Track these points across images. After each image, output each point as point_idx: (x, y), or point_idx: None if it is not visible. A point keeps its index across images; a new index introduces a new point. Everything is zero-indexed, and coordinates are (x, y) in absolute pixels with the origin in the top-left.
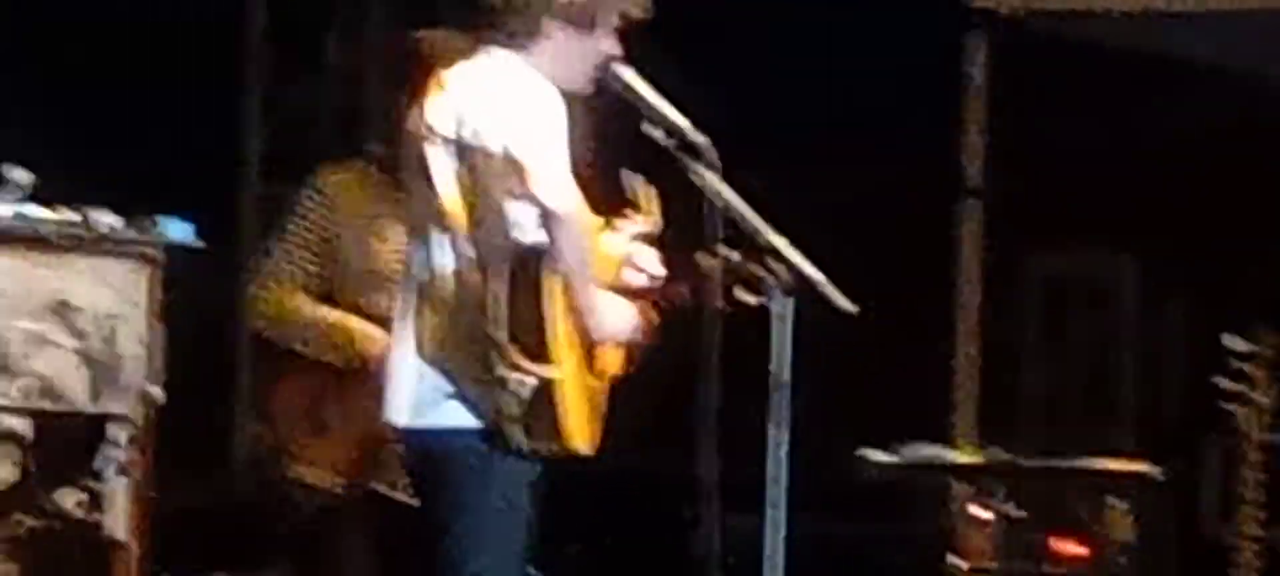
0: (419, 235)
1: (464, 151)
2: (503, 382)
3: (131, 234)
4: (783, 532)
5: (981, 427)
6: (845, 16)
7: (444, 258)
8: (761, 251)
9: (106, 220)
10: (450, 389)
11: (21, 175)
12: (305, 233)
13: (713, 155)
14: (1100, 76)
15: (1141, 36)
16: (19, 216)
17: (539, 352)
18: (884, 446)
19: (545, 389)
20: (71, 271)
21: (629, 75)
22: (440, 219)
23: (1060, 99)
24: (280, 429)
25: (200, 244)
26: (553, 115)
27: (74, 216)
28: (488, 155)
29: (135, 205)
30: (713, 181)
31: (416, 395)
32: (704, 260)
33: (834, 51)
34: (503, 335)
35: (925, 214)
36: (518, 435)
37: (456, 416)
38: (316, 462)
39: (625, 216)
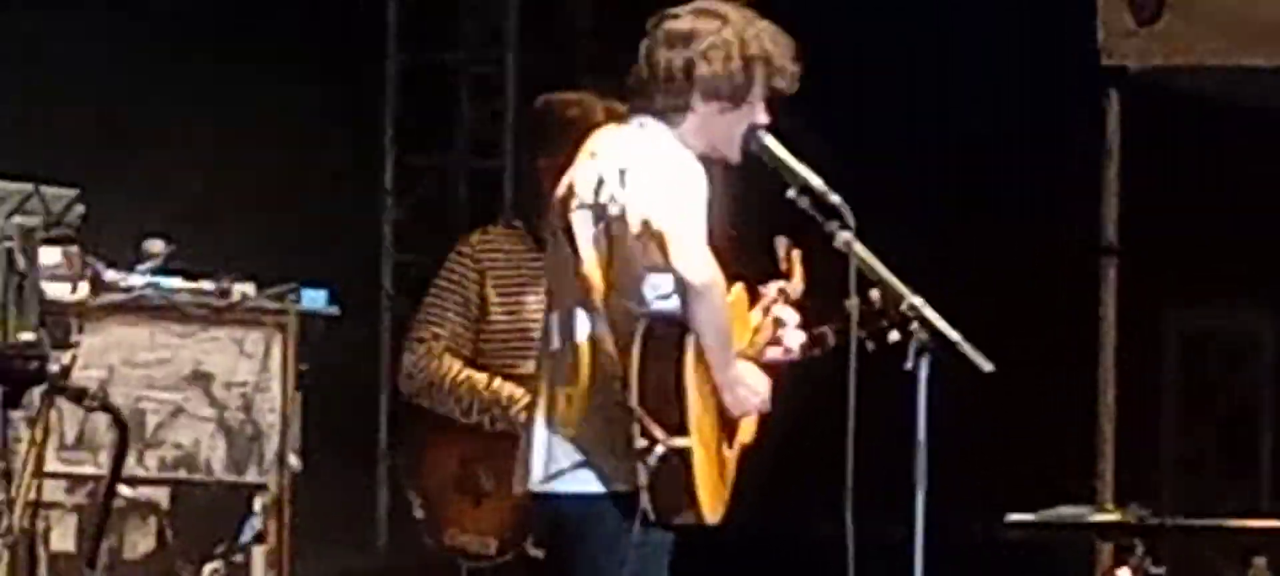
0: (557, 300)
1: (606, 218)
2: (636, 451)
3: (267, 303)
4: None
5: (1123, 486)
6: (980, 73)
7: (581, 323)
8: (901, 313)
9: (242, 289)
10: (581, 456)
11: (158, 244)
12: (454, 294)
13: (850, 217)
14: (1234, 130)
15: (1273, 91)
16: (155, 286)
17: (674, 422)
18: (1026, 507)
19: (678, 458)
20: (208, 341)
21: (768, 139)
22: (580, 285)
23: (1195, 154)
24: (433, 495)
25: (336, 311)
26: (695, 188)
27: (210, 286)
28: (627, 223)
29: (274, 275)
30: (852, 243)
31: (549, 460)
32: (848, 303)
33: (969, 108)
34: (636, 403)
35: (1064, 272)
36: (648, 503)
37: (588, 483)
38: (471, 527)
39: (769, 283)
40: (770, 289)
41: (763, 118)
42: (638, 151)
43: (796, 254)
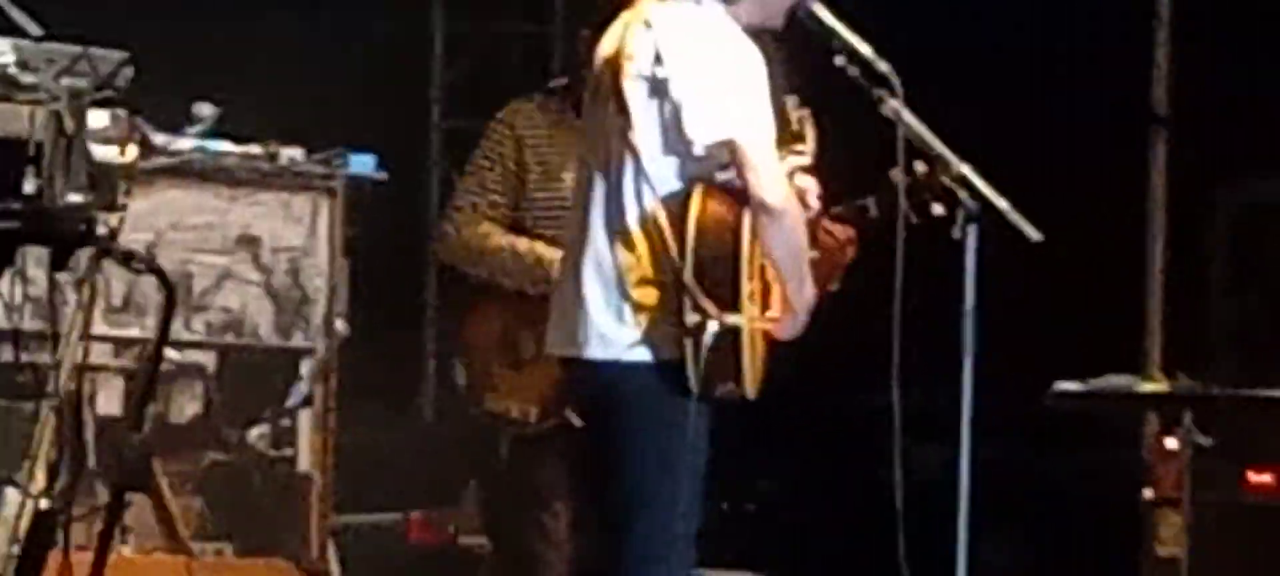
0: (601, 163)
1: (664, 95)
2: (687, 326)
3: (315, 167)
4: (969, 462)
5: (1173, 358)
6: None
7: (629, 188)
8: (950, 179)
9: (290, 153)
10: (626, 323)
11: (206, 108)
12: (493, 165)
13: (898, 84)
14: None
15: None
16: (202, 150)
17: (726, 299)
18: (1077, 376)
19: (731, 335)
20: (256, 205)
21: (816, 6)
22: (630, 150)
23: (1247, 27)
24: (475, 361)
25: (383, 176)
26: (759, 83)
27: (259, 150)
28: (690, 111)
29: (324, 139)
30: (901, 110)
31: (589, 325)
32: (894, 175)
33: None
34: (691, 277)
35: (1114, 143)
36: (695, 377)
37: (632, 351)
38: (512, 393)
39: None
40: (787, 160)
41: None
42: (699, 40)
43: (806, 115)
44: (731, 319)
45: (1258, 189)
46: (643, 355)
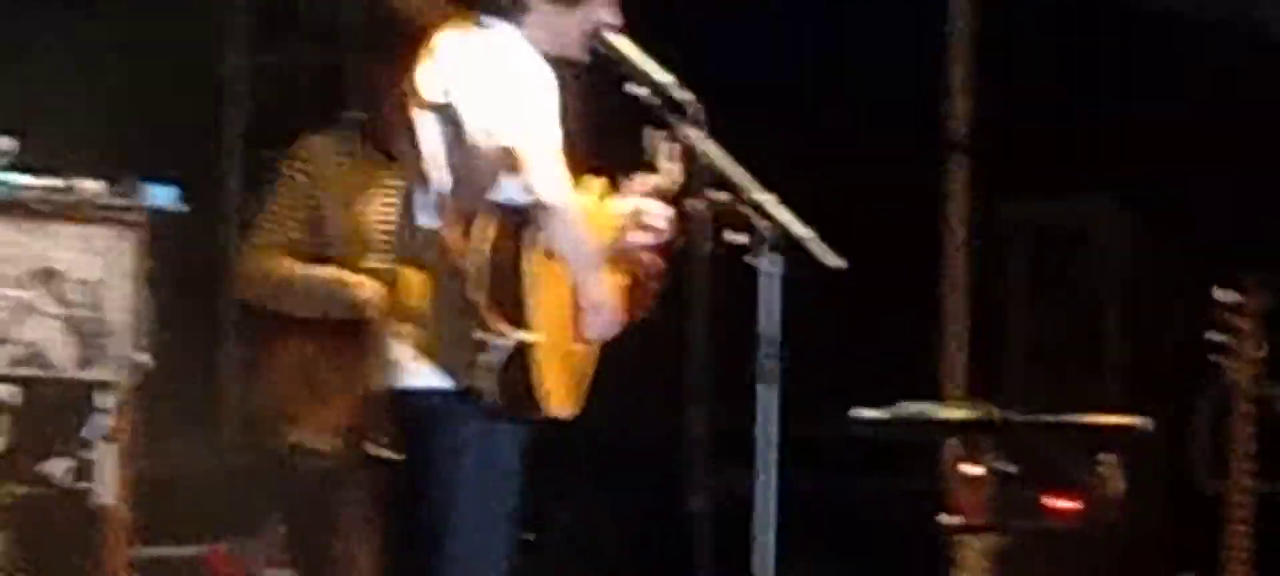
0: (406, 198)
1: (451, 118)
2: (478, 345)
3: (116, 200)
4: (774, 489)
5: (972, 382)
6: None
7: (425, 219)
8: (749, 208)
9: (91, 186)
10: (427, 352)
11: (5, 142)
12: (288, 200)
13: (699, 112)
14: (1081, 22)
15: None
16: (2, 183)
17: (516, 316)
18: (876, 402)
19: (521, 352)
20: (56, 238)
21: (613, 37)
22: (424, 182)
23: (1042, 47)
24: (276, 393)
25: (184, 208)
26: (544, 96)
27: (58, 183)
28: (474, 134)
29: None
30: (699, 139)
31: (398, 357)
32: (692, 204)
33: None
34: (481, 297)
35: (911, 167)
36: (492, 397)
37: (433, 379)
38: (313, 425)
39: (634, 178)
40: (636, 180)
41: (608, 16)
42: (483, 58)
43: (669, 148)
44: (520, 335)
45: (1050, 210)
46: (442, 382)
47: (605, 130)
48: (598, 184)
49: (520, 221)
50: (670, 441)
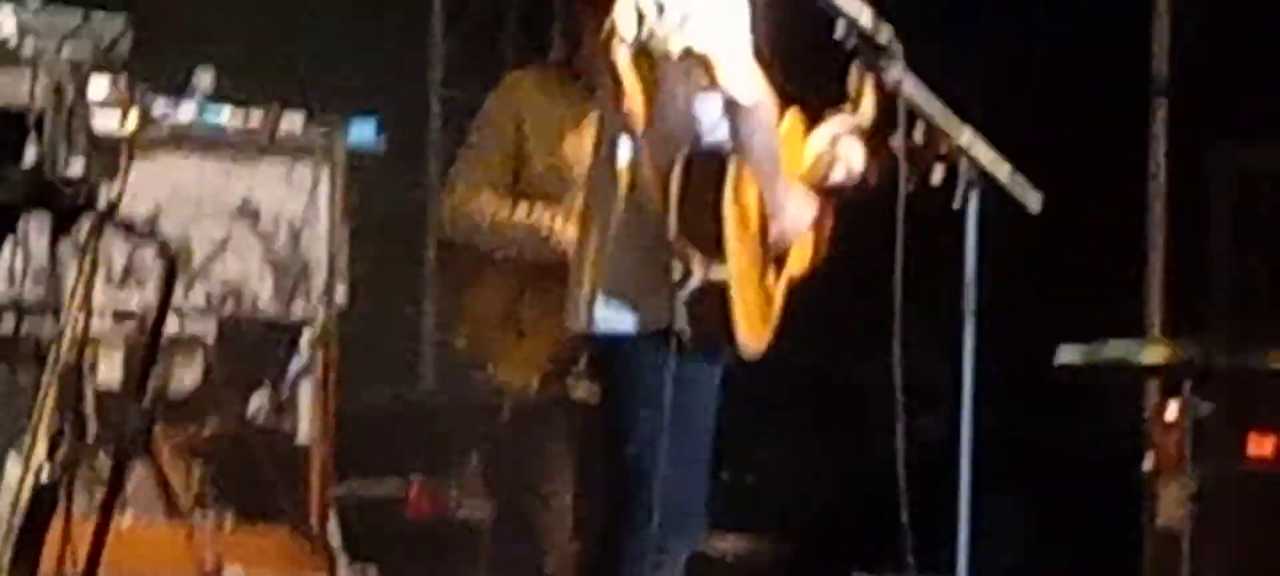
0: (607, 136)
1: (647, 51)
2: (674, 281)
3: (315, 136)
4: (971, 429)
5: (1174, 323)
6: None
7: (623, 155)
8: (951, 150)
9: (290, 121)
10: (623, 291)
11: (205, 77)
12: (492, 137)
13: (899, 49)
14: None
15: None
16: (202, 119)
17: (712, 251)
18: (1076, 341)
19: (716, 288)
20: (255, 174)
21: None
22: (625, 119)
23: None
24: (476, 330)
25: (383, 145)
26: (735, 7)
27: (258, 117)
28: (669, 54)
29: (324, 105)
30: (902, 80)
31: (593, 297)
32: (893, 142)
33: None
34: (675, 232)
35: (1114, 108)
36: (687, 335)
37: (628, 320)
38: (514, 363)
39: (834, 114)
40: (836, 117)
41: None
42: None
43: (869, 81)
44: (717, 271)
45: (1256, 155)
46: (632, 322)
47: (806, 65)
48: (792, 114)
49: (718, 157)
50: (871, 381)
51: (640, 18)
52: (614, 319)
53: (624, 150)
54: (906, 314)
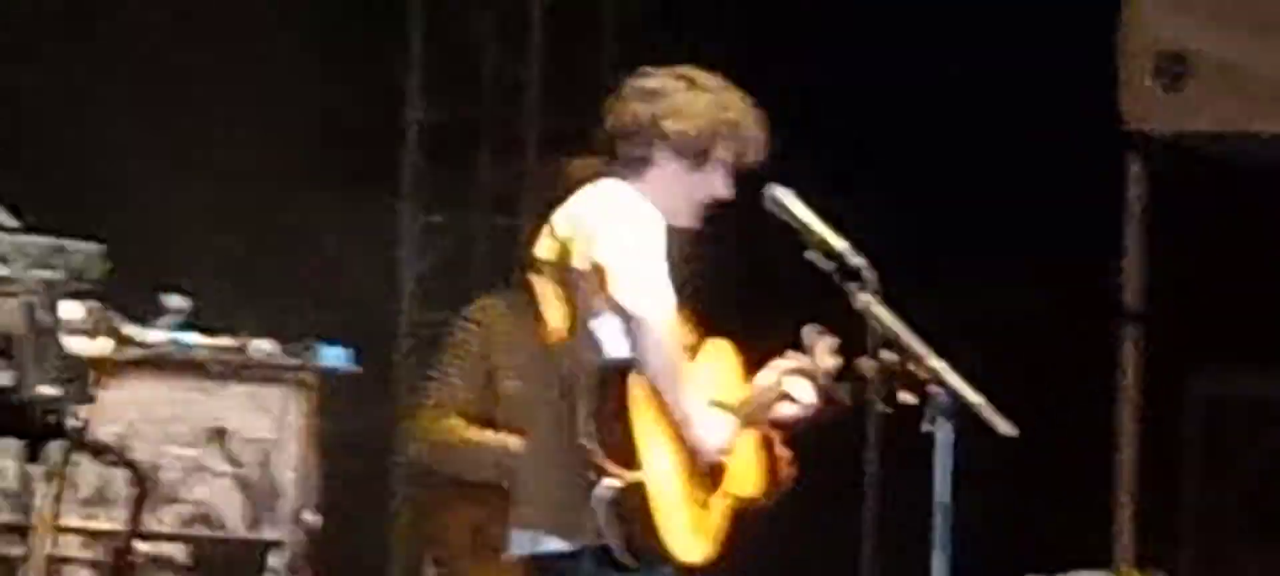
0: (538, 359)
1: (564, 275)
2: (590, 490)
3: (288, 360)
4: None
5: (1144, 552)
6: (1001, 132)
7: (547, 379)
8: (923, 375)
9: (263, 346)
10: (553, 511)
11: (178, 300)
12: (462, 362)
13: (873, 278)
14: (1259, 194)
15: None
16: (175, 342)
17: (625, 459)
18: (1046, 570)
19: (634, 494)
20: (227, 397)
21: (787, 197)
22: (541, 342)
23: (1219, 219)
24: (447, 558)
25: (357, 369)
26: (644, 226)
27: (230, 342)
28: (580, 272)
29: (293, 332)
30: (873, 305)
31: (528, 520)
32: (864, 363)
33: (991, 167)
34: (589, 442)
35: (1085, 336)
36: (615, 544)
37: (560, 540)
38: None
39: (787, 354)
40: (789, 358)
41: (723, 191)
42: (591, 204)
43: (826, 343)
44: (630, 475)
45: (1228, 381)
46: (570, 542)
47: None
48: (723, 345)
49: (627, 366)
50: None
51: (554, 236)
52: (541, 540)
53: (548, 376)
54: (878, 541)
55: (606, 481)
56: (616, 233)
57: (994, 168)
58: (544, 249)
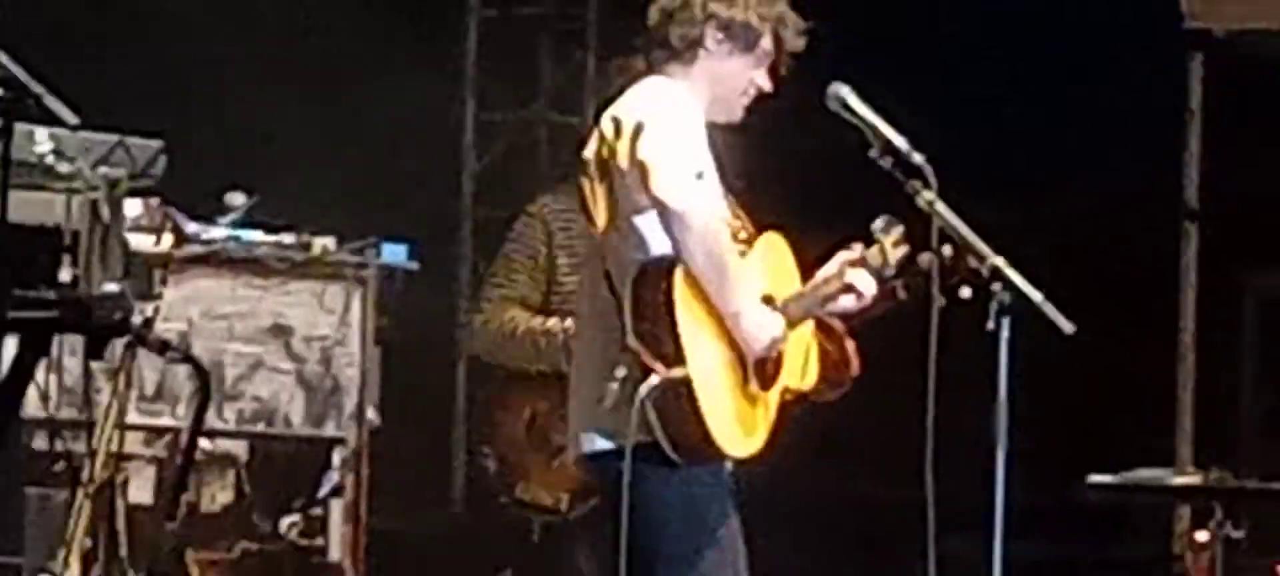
0: (587, 261)
1: (609, 174)
2: (636, 388)
3: (348, 257)
4: (1001, 556)
5: (1205, 450)
6: (1062, 35)
7: (593, 278)
8: (985, 272)
9: (322, 242)
10: (602, 411)
11: (238, 197)
12: (522, 256)
13: (931, 175)
14: None
15: None
16: (235, 238)
17: (669, 354)
18: (1107, 468)
19: (680, 389)
20: (289, 295)
21: (850, 96)
22: (590, 243)
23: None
24: (505, 450)
25: (415, 265)
26: (689, 123)
27: (292, 239)
28: (624, 170)
29: (354, 227)
30: (935, 202)
31: (579, 421)
32: (925, 258)
33: (1052, 70)
34: (633, 340)
35: (1145, 236)
36: (664, 441)
37: (611, 438)
38: (543, 482)
39: (852, 247)
40: (853, 250)
41: (765, 82)
42: (635, 102)
43: (897, 232)
44: (675, 372)
45: None
46: (617, 440)
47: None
48: (775, 237)
49: (669, 262)
50: (902, 506)
51: (601, 137)
52: (591, 439)
53: (594, 275)
54: (937, 438)
55: (651, 378)
56: (659, 129)
57: (1056, 67)
58: (591, 149)
